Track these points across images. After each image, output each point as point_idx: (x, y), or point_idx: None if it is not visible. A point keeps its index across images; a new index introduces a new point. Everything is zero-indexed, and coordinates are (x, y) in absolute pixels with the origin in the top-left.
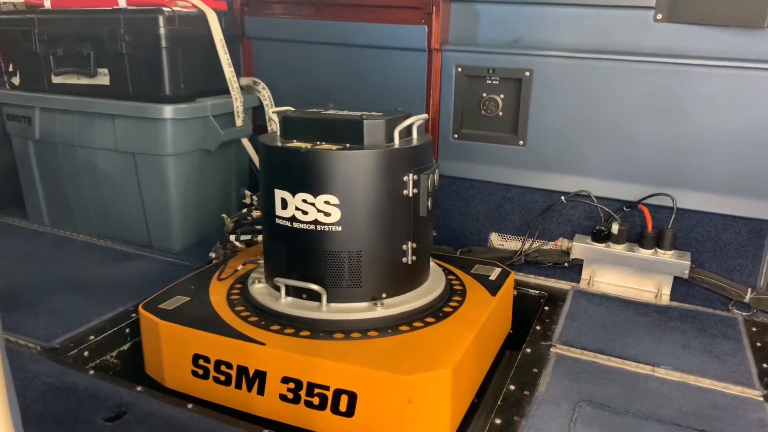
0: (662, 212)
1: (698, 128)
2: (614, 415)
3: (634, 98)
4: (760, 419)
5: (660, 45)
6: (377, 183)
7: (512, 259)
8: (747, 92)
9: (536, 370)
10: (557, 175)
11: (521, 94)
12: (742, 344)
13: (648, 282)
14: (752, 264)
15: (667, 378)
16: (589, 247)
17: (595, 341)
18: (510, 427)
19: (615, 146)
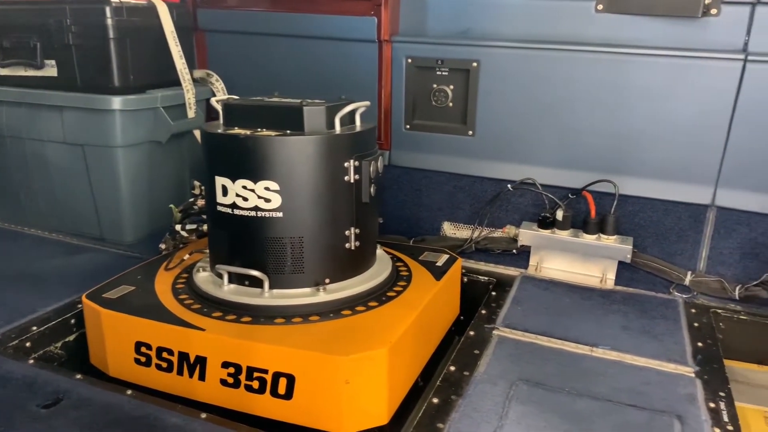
0: (606, 199)
1: (639, 116)
2: (549, 393)
3: (578, 88)
4: (690, 393)
5: (601, 35)
6: (318, 169)
7: (463, 246)
8: (685, 80)
9: (478, 351)
10: (505, 164)
11: (469, 85)
12: (680, 325)
13: (593, 267)
14: (692, 248)
15: (604, 357)
16: (535, 234)
17: (537, 324)
18: (447, 406)
19: (560, 135)
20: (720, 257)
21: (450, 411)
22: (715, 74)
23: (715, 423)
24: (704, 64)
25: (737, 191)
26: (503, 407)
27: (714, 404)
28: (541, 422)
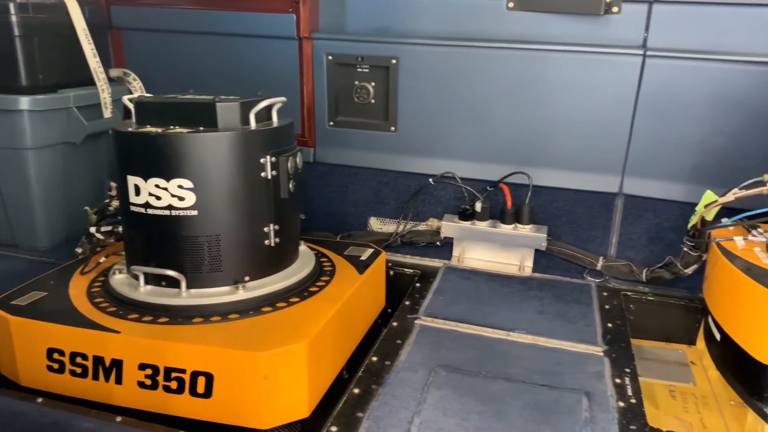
0: (522, 190)
1: (550, 110)
2: (466, 377)
3: (493, 83)
4: (598, 371)
5: (513, 32)
6: (232, 166)
7: (389, 240)
8: (591, 75)
9: (400, 341)
10: (427, 158)
11: (389, 82)
12: (592, 307)
13: (512, 255)
14: (603, 234)
15: (520, 341)
16: (456, 226)
17: (458, 312)
18: (367, 396)
19: (477, 129)
20: (629, 242)
21: (370, 400)
22: (618, 69)
23: (620, 397)
24: (608, 60)
25: (642, 179)
26: (422, 393)
27: (620, 380)
28: (457, 405)
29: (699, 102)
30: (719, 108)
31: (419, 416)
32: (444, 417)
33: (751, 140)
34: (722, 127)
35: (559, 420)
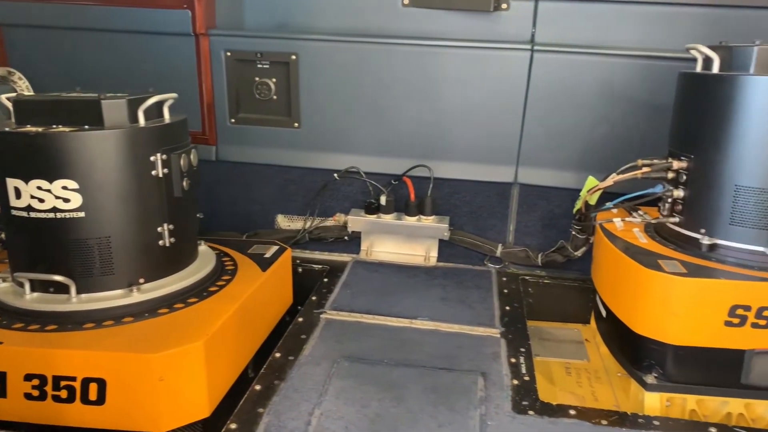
0: (425, 182)
1: (448, 104)
2: (368, 366)
3: (393, 78)
4: (495, 352)
5: (409, 28)
6: (121, 164)
7: (296, 237)
8: (484, 70)
9: (305, 336)
10: (331, 154)
11: (290, 77)
12: (492, 292)
13: (418, 246)
14: (501, 222)
15: (422, 328)
16: (363, 220)
17: (364, 304)
18: (269, 391)
19: (379, 124)
20: (525, 229)
21: (272, 395)
22: (509, 63)
23: (515, 375)
24: (499, 55)
25: (535, 169)
26: (324, 385)
27: (515, 359)
28: (358, 394)
29: (584, 94)
30: (603, 99)
31: (320, 407)
32: (345, 406)
33: (632, 128)
34: (605, 118)
35: (456, 400)
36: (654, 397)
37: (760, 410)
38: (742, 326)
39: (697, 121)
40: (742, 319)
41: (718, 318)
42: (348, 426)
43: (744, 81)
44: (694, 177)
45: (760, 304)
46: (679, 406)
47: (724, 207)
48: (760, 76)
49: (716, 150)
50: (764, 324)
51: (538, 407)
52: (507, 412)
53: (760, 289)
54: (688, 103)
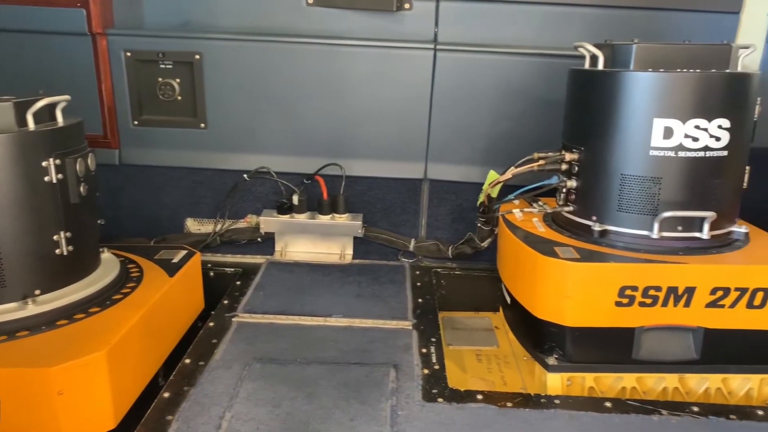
0: (338, 181)
1: (357, 103)
2: (280, 366)
3: (300, 77)
4: (407, 344)
5: (315, 27)
6: (9, 171)
7: (207, 241)
8: (390, 69)
9: (216, 340)
10: (241, 154)
11: (195, 77)
12: (405, 286)
13: (333, 245)
14: (413, 218)
15: (336, 325)
16: (275, 220)
17: (277, 305)
18: (178, 398)
19: (289, 123)
20: (436, 223)
21: (181, 402)
22: (413, 62)
23: (425, 365)
24: (403, 53)
25: (443, 164)
26: (235, 388)
27: (426, 350)
28: (269, 394)
29: (486, 91)
30: (503, 96)
31: (231, 410)
32: (256, 407)
33: (531, 123)
34: (506, 114)
35: (368, 394)
36: (555, 377)
37: (650, 383)
38: (631, 306)
39: (586, 114)
40: (630, 299)
41: (609, 299)
42: (259, 427)
43: (625, 76)
44: (585, 168)
45: (646, 284)
46: (579, 385)
47: (611, 195)
48: (639, 72)
49: (603, 142)
50: (650, 303)
51: (447, 394)
52: (417, 401)
53: (645, 271)
54: (578, 98)
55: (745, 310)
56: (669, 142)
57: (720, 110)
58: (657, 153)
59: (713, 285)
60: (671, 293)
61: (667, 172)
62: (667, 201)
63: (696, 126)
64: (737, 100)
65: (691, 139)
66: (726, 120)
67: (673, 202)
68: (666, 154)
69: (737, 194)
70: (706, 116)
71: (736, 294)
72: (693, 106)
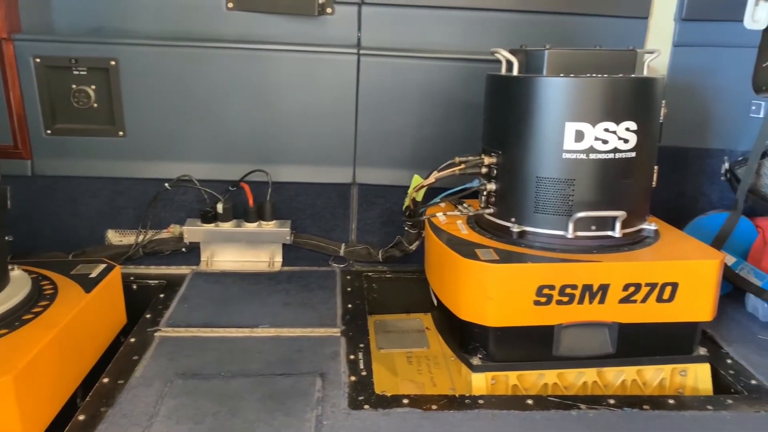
0: (265, 187)
1: (281, 107)
2: (204, 381)
3: (222, 83)
4: (335, 351)
5: (236, 32)
6: None
7: (129, 253)
8: (315, 73)
9: (137, 357)
10: (162, 162)
11: (111, 84)
12: (335, 292)
13: (261, 253)
14: (344, 222)
15: (263, 336)
16: (200, 229)
17: (202, 317)
18: (94, 420)
19: (211, 130)
20: (366, 227)
21: (97, 424)
22: (337, 67)
23: (352, 372)
24: (327, 58)
25: (371, 169)
26: (155, 406)
27: (354, 356)
28: (191, 411)
29: (410, 95)
30: (426, 100)
31: (149, 430)
32: (177, 425)
33: (454, 127)
34: (430, 117)
35: (293, 405)
36: (480, 377)
37: (571, 378)
38: (549, 304)
39: (503, 119)
40: (548, 297)
41: (528, 299)
42: None
43: (537, 82)
44: (503, 171)
45: (563, 282)
46: (503, 383)
47: (528, 197)
48: (550, 78)
49: (519, 145)
50: (567, 301)
51: (374, 401)
52: (343, 409)
53: (561, 270)
54: (494, 103)
55: (655, 304)
56: (580, 145)
57: (627, 113)
58: (569, 156)
59: (625, 281)
60: (586, 291)
61: (580, 174)
62: (581, 202)
63: (605, 129)
64: (643, 104)
65: (601, 142)
66: (633, 123)
67: (586, 202)
68: (578, 156)
69: (647, 193)
70: (615, 119)
71: (647, 289)
72: (602, 110)
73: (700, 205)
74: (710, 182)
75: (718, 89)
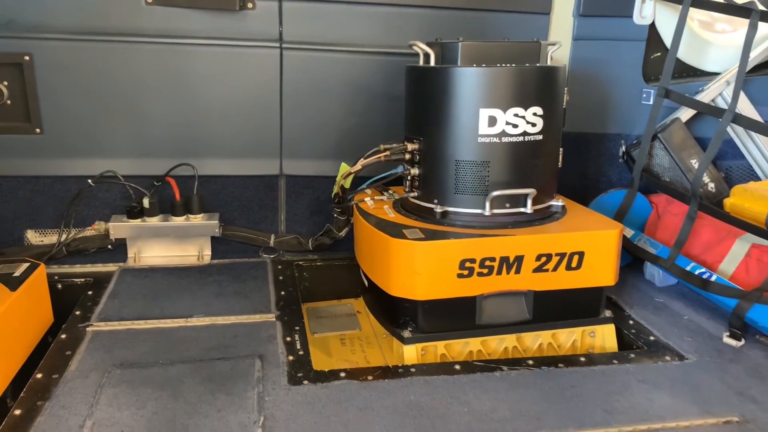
0: (191, 181)
1: (204, 101)
2: (142, 370)
3: (143, 78)
4: (271, 335)
5: (155, 27)
6: None
7: (52, 252)
8: (237, 67)
9: (70, 352)
10: (83, 159)
11: (26, 80)
12: (267, 281)
13: (189, 247)
14: (273, 214)
15: (198, 325)
16: (126, 225)
17: (134, 311)
18: (31, 413)
19: (134, 125)
20: (295, 218)
21: (35, 417)
22: (260, 61)
23: (290, 352)
24: (249, 52)
25: (298, 160)
26: (94, 396)
27: (290, 338)
28: (132, 398)
29: (333, 88)
30: (349, 92)
31: (92, 418)
32: (119, 412)
33: (377, 117)
34: (353, 109)
35: (233, 385)
36: (411, 348)
37: (493, 345)
38: (471, 276)
39: (422, 107)
40: (470, 270)
41: (451, 272)
42: (123, 430)
43: (453, 72)
44: (425, 156)
45: (482, 255)
46: (432, 353)
47: (449, 179)
48: (465, 68)
49: (438, 132)
50: (487, 272)
51: (312, 376)
52: (283, 385)
53: (480, 244)
54: (414, 93)
55: (565, 272)
56: (493, 130)
57: (534, 99)
58: (484, 140)
59: (538, 252)
60: (504, 262)
61: (494, 156)
62: (496, 182)
63: (515, 114)
64: (548, 90)
65: (512, 126)
66: (539, 108)
67: (501, 182)
68: (491, 140)
69: (554, 173)
70: (523, 105)
71: (557, 259)
72: (511, 97)
73: (601, 185)
74: (609, 164)
75: (614, 79)
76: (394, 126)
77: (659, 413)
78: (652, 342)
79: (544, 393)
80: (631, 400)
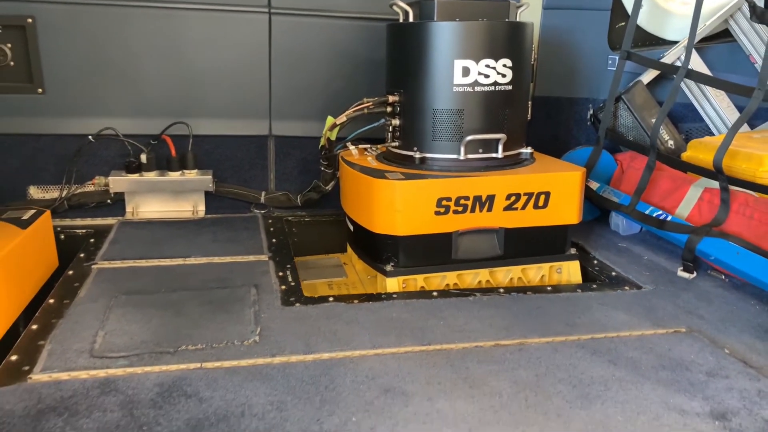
0: (186, 141)
1: (199, 64)
2: (146, 296)
3: (138, 40)
4: (264, 270)
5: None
6: None
7: (54, 205)
8: (228, 31)
9: (78, 284)
10: (84, 118)
11: (29, 42)
12: (259, 231)
13: (184, 202)
14: (262, 172)
15: (196, 263)
16: (124, 180)
17: (135, 253)
18: (47, 328)
19: (133, 85)
20: (284, 176)
21: (51, 330)
22: (249, 25)
23: (282, 283)
24: (239, 17)
25: (287, 121)
26: (104, 315)
27: (282, 273)
28: (139, 315)
29: (320, 52)
30: (335, 56)
31: (103, 329)
32: (128, 324)
33: (360, 80)
34: (339, 72)
35: (232, 306)
36: (393, 281)
37: (468, 279)
38: (447, 214)
39: (402, 61)
40: (446, 208)
41: (429, 210)
42: (133, 337)
43: (430, 26)
44: (405, 107)
45: (457, 194)
46: (412, 286)
47: (427, 128)
48: (441, 22)
49: (417, 83)
50: (461, 210)
51: (303, 300)
52: (277, 306)
53: (456, 184)
54: (395, 48)
55: (533, 210)
56: (467, 80)
57: (503, 52)
58: (459, 89)
59: (508, 191)
60: (477, 201)
61: (468, 104)
62: (469, 128)
63: (487, 65)
64: (516, 44)
65: (484, 76)
66: (509, 60)
67: (474, 129)
68: (465, 89)
69: (523, 122)
70: (494, 57)
71: (525, 198)
72: (483, 49)
73: (571, 146)
74: (578, 126)
75: (583, 46)
76: (376, 89)
77: (615, 326)
78: (614, 276)
79: (513, 312)
80: (591, 317)
